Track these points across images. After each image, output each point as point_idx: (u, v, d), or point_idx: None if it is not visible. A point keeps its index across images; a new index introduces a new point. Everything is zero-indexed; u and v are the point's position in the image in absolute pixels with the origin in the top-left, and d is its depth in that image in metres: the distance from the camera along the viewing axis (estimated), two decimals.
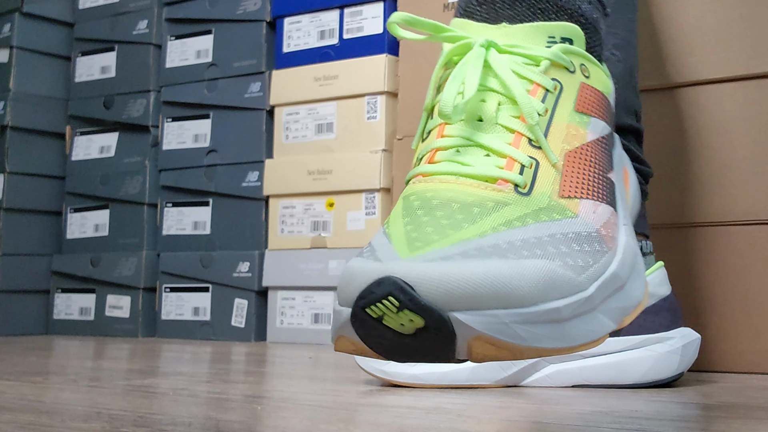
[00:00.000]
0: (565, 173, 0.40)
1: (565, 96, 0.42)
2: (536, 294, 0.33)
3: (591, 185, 0.40)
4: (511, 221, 0.36)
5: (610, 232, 0.39)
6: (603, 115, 0.44)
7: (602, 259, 0.37)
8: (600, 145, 0.43)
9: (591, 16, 0.46)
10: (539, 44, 0.43)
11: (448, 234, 0.35)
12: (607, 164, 0.43)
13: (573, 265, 0.35)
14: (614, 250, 0.39)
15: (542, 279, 0.33)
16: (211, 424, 0.52)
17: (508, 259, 0.33)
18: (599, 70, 0.45)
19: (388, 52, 1.36)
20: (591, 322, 0.35)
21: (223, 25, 1.55)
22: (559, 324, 0.34)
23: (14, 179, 1.66)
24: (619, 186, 0.44)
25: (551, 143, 0.40)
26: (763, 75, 0.90)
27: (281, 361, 1.04)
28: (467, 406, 0.60)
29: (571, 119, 0.42)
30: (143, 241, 1.60)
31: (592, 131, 0.43)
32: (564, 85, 0.42)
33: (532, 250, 0.35)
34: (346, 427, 0.51)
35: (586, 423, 0.53)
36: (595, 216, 0.39)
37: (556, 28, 0.43)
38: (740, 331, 0.89)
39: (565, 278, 0.34)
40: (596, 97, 0.44)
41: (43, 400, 0.63)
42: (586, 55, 0.44)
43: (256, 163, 1.48)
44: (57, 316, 1.68)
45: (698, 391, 0.71)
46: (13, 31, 1.68)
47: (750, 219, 0.90)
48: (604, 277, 0.36)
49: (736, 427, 0.51)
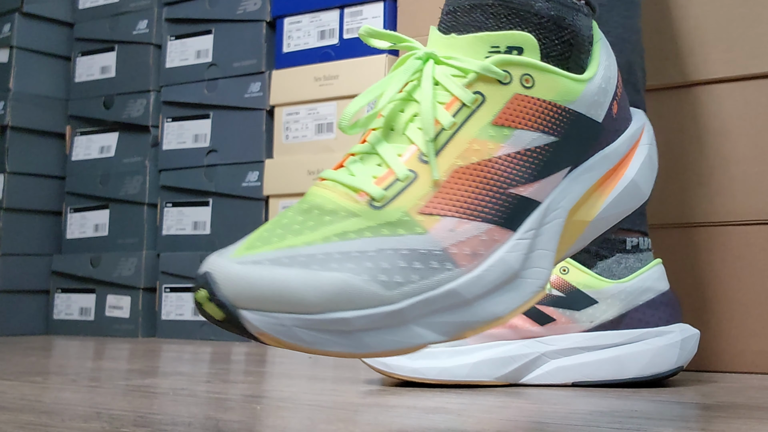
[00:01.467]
0: (442, 189, 0.41)
1: (484, 110, 0.43)
2: (323, 303, 0.37)
3: (469, 203, 0.41)
4: (347, 233, 0.39)
5: (474, 249, 0.41)
6: (540, 125, 0.44)
7: (435, 277, 0.39)
8: (518, 159, 0.43)
9: (549, 14, 0.45)
10: (478, 55, 0.44)
11: (286, 238, 0.38)
12: (521, 178, 0.43)
13: (384, 280, 0.38)
14: (468, 267, 0.40)
15: (334, 291, 0.37)
16: (211, 424, 0.52)
17: (308, 270, 0.37)
18: (553, 77, 0.44)
19: (388, 52, 1.36)
20: (398, 333, 0.38)
21: (223, 25, 1.55)
22: (348, 333, 0.37)
23: (14, 179, 1.66)
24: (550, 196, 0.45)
25: (443, 159, 0.42)
26: (763, 75, 0.90)
27: (281, 361, 1.04)
28: (467, 406, 0.60)
29: (479, 134, 0.43)
30: (143, 241, 1.60)
31: (511, 144, 0.43)
32: (487, 98, 0.43)
33: (341, 263, 0.38)
34: (346, 427, 0.51)
35: (586, 423, 0.53)
36: (451, 234, 0.41)
37: (502, 37, 0.44)
38: (740, 331, 0.89)
39: (364, 292, 0.37)
40: (534, 108, 0.44)
41: (43, 400, 0.63)
42: (533, 63, 0.44)
43: (256, 163, 1.48)
44: (57, 316, 1.68)
45: (698, 391, 0.71)
46: (13, 31, 1.68)
47: (750, 219, 0.90)
48: (429, 294, 0.39)
49: (736, 427, 0.51)
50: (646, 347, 0.71)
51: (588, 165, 0.47)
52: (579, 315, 0.72)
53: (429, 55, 0.44)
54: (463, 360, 0.71)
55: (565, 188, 0.45)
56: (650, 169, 0.50)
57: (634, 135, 0.50)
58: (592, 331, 0.72)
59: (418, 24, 1.25)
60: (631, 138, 0.49)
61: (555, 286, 0.73)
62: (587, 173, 0.47)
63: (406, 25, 1.27)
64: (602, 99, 0.47)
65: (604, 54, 0.49)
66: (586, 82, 0.46)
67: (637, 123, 0.51)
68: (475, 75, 0.43)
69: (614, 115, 0.48)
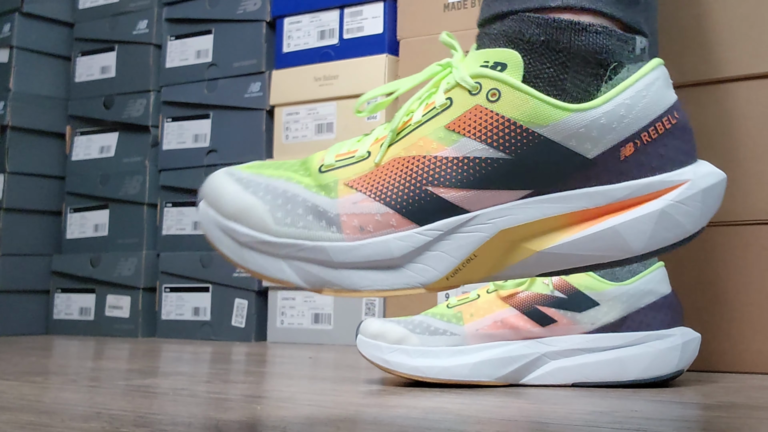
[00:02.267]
0: (375, 171, 0.46)
1: (446, 114, 0.46)
2: (231, 213, 0.46)
3: (384, 187, 0.46)
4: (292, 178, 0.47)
5: (363, 225, 0.45)
6: (490, 138, 0.45)
7: (317, 232, 0.45)
8: (453, 164, 0.45)
9: (539, 39, 0.45)
10: (473, 65, 0.46)
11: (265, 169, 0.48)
12: (447, 181, 0.45)
13: (279, 216, 0.46)
14: (350, 237, 0.45)
15: (242, 208, 0.46)
16: (211, 424, 0.52)
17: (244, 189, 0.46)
18: (524, 97, 0.44)
19: (388, 52, 1.36)
20: (268, 261, 0.46)
21: (223, 25, 1.55)
22: (238, 243, 0.46)
23: (14, 179, 1.66)
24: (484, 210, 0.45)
25: (394, 148, 0.47)
26: (763, 75, 0.90)
27: (281, 361, 1.04)
28: (467, 406, 0.60)
29: (430, 134, 0.46)
30: (143, 241, 1.60)
31: (454, 149, 0.45)
32: (454, 104, 0.46)
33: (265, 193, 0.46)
34: (346, 427, 0.51)
35: (586, 423, 0.53)
36: (352, 206, 0.46)
37: (493, 53, 0.46)
38: (740, 331, 0.89)
39: (259, 217, 0.46)
40: (490, 121, 0.45)
41: (43, 400, 0.63)
42: (503, 79, 0.45)
43: None
44: (57, 316, 1.68)
45: (698, 391, 0.71)
46: (13, 31, 1.68)
47: (750, 219, 0.90)
48: (303, 242, 0.45)
49: (736, 427, 0.51)
50: (647, 350, 0.71)
51: (560, 196, 0.45)
52: (580, 317, 0.72)
53: (449, 63, 0.48)
54: (463, 360, 0.71)
55: (510, 208, 0.45)
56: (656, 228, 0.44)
57: (653, 186, 0.45)
58: (593, 333, 0.72)
59: (418, 24, 1.25)
60: (645, 187, 0.44)
61: (557, 288, 0.73)
62: (554, 203, 0.45)
63: (406, 25, 1.27)
64: (596, 134, 0.44)
65: (631, 92, 0.45)
66: (573, 111, 0.44)
67: (674, 177, 0.45)
68: (454, 83, 0.46)
69: (623, 157, 0.44)
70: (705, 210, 0.45)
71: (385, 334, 0.73)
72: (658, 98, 0.45)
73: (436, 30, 1.23)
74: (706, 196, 0.45)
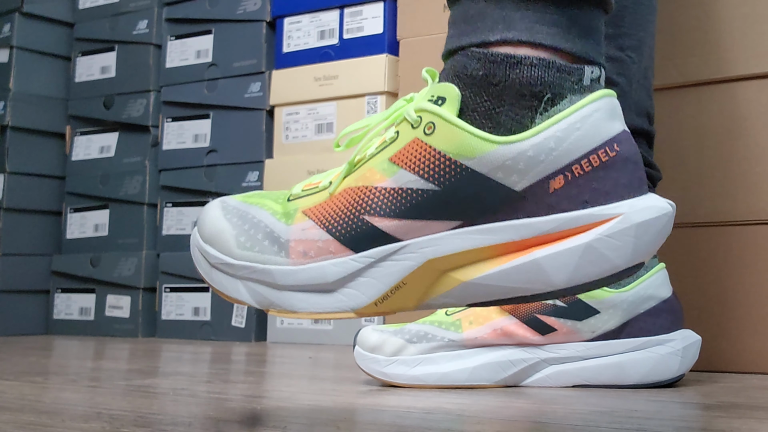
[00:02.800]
0: (328, 200, 0.49)
1: (392, 147, 0.48)
2: (207, 236, 0.51)
3: (329, 215, 0.48)
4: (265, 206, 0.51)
5: (306, 250, 0.48)
6: (423, 171, 0.46)
7: (268, 256, 0.49)
8: (390, 194, 0.47)
9: (478, 73, 0.46)
10: (421, 99, 0.48)
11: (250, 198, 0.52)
12: (382, 211, 0.47)
13: (241, 241, 0.49)
14: (294, 262, 0.48)
15: (215, 232, 0.50)
16: (211, 424, 0.52)
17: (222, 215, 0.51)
18: (454, 130, 0.45)
19: (388, 52, 1.36)
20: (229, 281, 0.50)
21: (223, 25, 1.55)
22: (207, 262, 0.51)
23: (14, 179, 1.66)
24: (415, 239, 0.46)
25: (347, 179, 0.49)
26: (763, 75, 0.90)
27: (281, 361, 1.04)
28: (467, 406, 0.60)
29: (376, 165, 0.48)
30: (143, 241, 1.60)
31: (392, 180, 0.47)
32: (399, 137, 0.48)
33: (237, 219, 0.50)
34: (346, 427, 0.51)
35: (586, 423, 0.53)
36: (300, 232, 0.49)
37: (436, 88, 0.47)
38: (740, 331, 0.89)
39: (225, 241, 0.50)
40: (424, 154, 0.46)
41: (43, 400, 0.63)
42: (437, 112, 0.46)
43: (256, 163, 1.48)
44: (57, 316, 1.68)
45: (698, 391, 0.71)
46: (13, 31, 1.68)
47: (750, 219, 0.90)
48: (256, 265, 0.49)
49: (736, 427, 0.51)
50: (648, 355, 0.71)
51: (487, 228, 0.45)
52: (581, 325, 0.72)
53: (411, 97, 0.50)
54: (462, 364, 0.71)
55: (439, 239, 0.46)
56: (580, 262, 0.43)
57: (581, 219, 0.44)
58: (593, 341, 0.72)
59: (418, 24, 1.25)
60: (573, 221, 0.43)
61: None
62: (481, 234, 0.45)
63: (405, 25, 1.27)
64: (523, 167, 0.44)
65: (563, 124, 0.44)
66: (499, 144, 0.44)
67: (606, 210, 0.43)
68: (402, 117, 0.48)
69: (552, 190, 0.44)
70: (639, 245, 0.43)
71: (382, 347, 0.72)
72: (595, 131, 0.44)
73: (436, 30, 1.23)
74: (642, 231, 0.43)
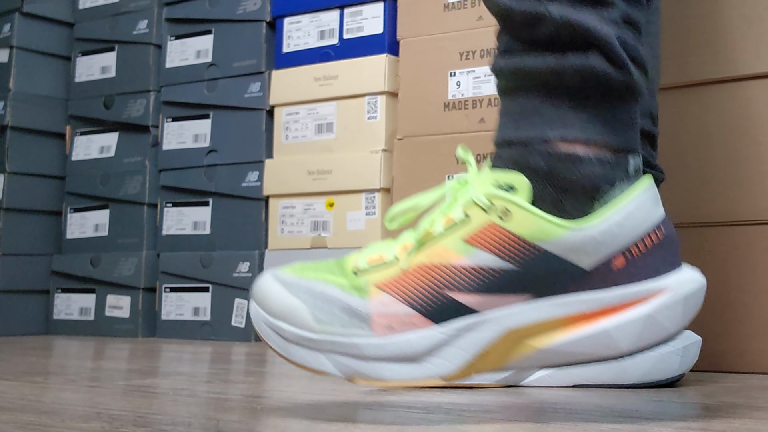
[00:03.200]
0: (402, 276, 0.53)
1: (464, 228, 0.52)
2: (277, 313, 0.53)
3: (410, 291, 0.52)
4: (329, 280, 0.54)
5: (391, 324, 0.52)
6: (502, 252, 0.51)
7: (351, 330, 0.52)
8: (469, 272, 0.51)
9: (543, 169, 0.52)
10: (486, 185, 0.53)
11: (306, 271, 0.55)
12: (463, 287, 0.51)
13: (318, 316, 0.52)
14: (379, 334, 0.52)
15: (286, 308, 0.53)
16: (211, 424, 0.52)
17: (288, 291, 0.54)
18: (530, 216, 0.51)
19: (388, 52, 1.36)
20: (310, 354, 0.53)
21: (223, 25, 1.55)
22: (281, 337, 0.53)
23: (14, 179, 1.66)
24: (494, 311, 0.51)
25: (418, 255, 0.53)
26: (763, 75, 0.90)
27: (281, 361, 1.04)
28: (467, 406, 0.60)
29: (450, 245, 0.52)
30: (143, 241, 1.60)
31: (469, 259, 0.52)
32: (471, 219, 0.52)
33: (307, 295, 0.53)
34: (346, 427, 0.51)
35: (586, 423, 0.53)
36: (381, 307, 0.52)
37: (503, 176, 0.52)
38: (740, 331, 0.89)
39: (301, 317, 0.53)
40: (502, 237, 0.51)
41: (43, 400, 0.63)
42: (514, 201, 0.51)
43: (256, 163, 1.48)
44: (57, 316, 1.68)
45: (698, 391, 0.71)
46: (13, 31, 1.68)
47: (750, 219, 0.90)
48: (339, 339, 0.52)
49: (736, 427, 0.51)
50: (648, 354, 0.71)
51: (560, 301, 0.51)
52: None
53: (465, 180, 0.54)
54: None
55: (517, 311, 0.51)
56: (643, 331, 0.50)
57: (640, 293, 0.51)
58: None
59: (418, 24, 1.25)
60: (634, 294, 0.51)
61: None
62: (554, 307, 0.51)
63: (405, 25, 1.27)
64: (591, 249, 0.50)
65: (622, 212, 0.51)
66: (571, 229, 0.50)
67: (659, 284, 0.51)
68: (471, 201, 0.53)
69: (615, 268, 0.51)
70: (686, 313, 0.51)
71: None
72: (647, 216, 0.52)
73: (436, 30, 1.23)
74: (687, 302, 0.51)
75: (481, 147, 1.16)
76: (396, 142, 1.25)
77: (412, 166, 1.22)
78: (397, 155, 1.25)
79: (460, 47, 1.20)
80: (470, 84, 1.19)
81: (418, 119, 1.23)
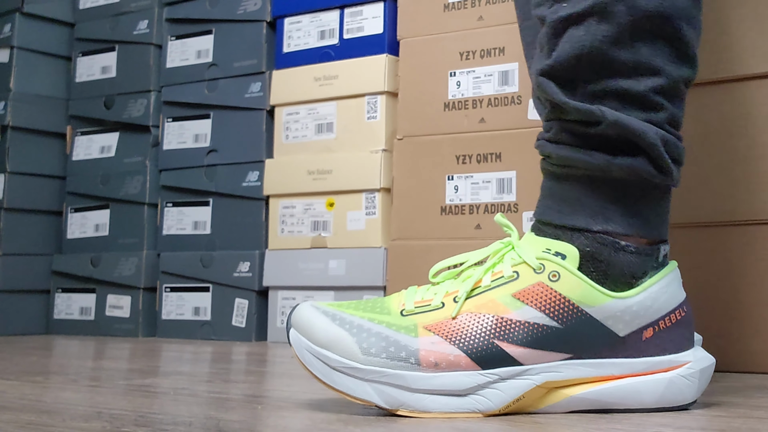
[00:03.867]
0: (450, 321, 0.57)
1: (514, 284, 0.57)
2: (323, 342, 0.56)
3: (460, 335, 0.56)
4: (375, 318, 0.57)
5: (438, 361, 0.55)
6: (549, 310, 0.56)
7: (398, 362, 0.55)
8: (517, 325, 0.56)
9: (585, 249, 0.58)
10: (536, 249, 0.58)
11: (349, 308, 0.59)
12: (510, 338, 0.56)
13: (365, 347, 0.55)
14: (426, 369, 0.55)
15: (333, 338, 0.56)
16: (211, 424, 0.52)
17: (333, 323, 0.57)
18: (579, 281, 0.56)
19: (388, 52, 1.36)
20: (355, 383, 0.55)
21: (224, 25, 1.55)
22: (326, 365, 0.56)
23: (14, 179, 1.66)
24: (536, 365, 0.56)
25: (467, 304, 0.57)
26: (763, 75, 0.90)
27: (282, 361, 1.04)
28: None
29: (499, 297, 0.57)
30: (143, 241, 1.60)
31: (518, 313, 0.56)
32: (520, 277, 0.57)
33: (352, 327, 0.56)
34: (346, 427, 0.51)
35: (586, 423, 0.53)
36: (431, 344, 0.56)
37: (554, 244, 0.58)
38: (740, 331, 0.89)
39: (348, 347, 0.56)
40: (550, 296, 0.56)
41: (43, 400, 0.63)
42: (565, 267, 0.57)
43: (256, 163, 1.48)
44: (57, 315, 1.68)
45: None
46: (13, 31, 1.68)
47: (752, 219, 0.90)
48: (386, 370, 0.55)
49: (736, 427, 0.51)
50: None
51: (593, 362, 0.57)
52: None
53: (510, 242, 0.60)
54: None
55: (556, 367, 0.56)
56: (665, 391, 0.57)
57: (663, 363, 0.57)
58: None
59: (418, 24, 1.25)
60: (658, 364, 0.57)
61: None
62: (589, 368, 0.57)
63: (405, 25, 1.27)
64: (629, 318, 0.57)
65: (656, 290, 0.58)
66: (615, 298, 0.57)
67: (680, 358, 0.58)
68: (521, 260, 0.58)
69: (644, 338, 0.57)
70: (700, 384, 0.59)
71: None
72: (672, 295, 0.59)
73: (436, 30, 1.24)
74: (702, 375, 0.59)
75: (481, 147, 1.16)
76: (396, 142, 1.25)
77: (412, 166, 1.22)
78: (397, 155, 1.25)
79: (460, 47, 1.20)
80: (470, 84, 1.20)
81: (418, 119, 1.23)
